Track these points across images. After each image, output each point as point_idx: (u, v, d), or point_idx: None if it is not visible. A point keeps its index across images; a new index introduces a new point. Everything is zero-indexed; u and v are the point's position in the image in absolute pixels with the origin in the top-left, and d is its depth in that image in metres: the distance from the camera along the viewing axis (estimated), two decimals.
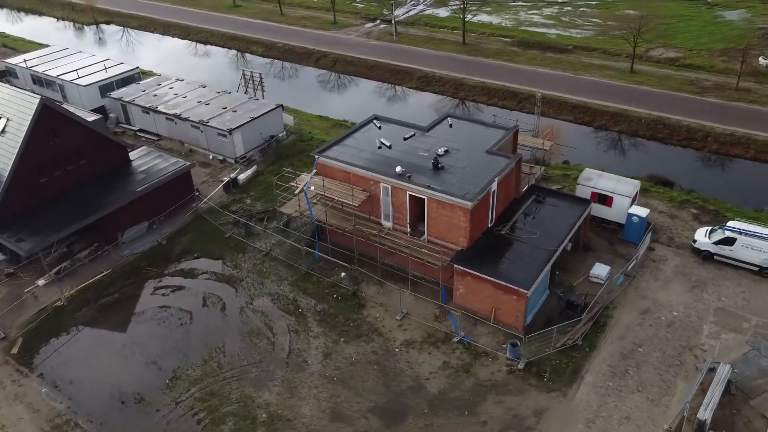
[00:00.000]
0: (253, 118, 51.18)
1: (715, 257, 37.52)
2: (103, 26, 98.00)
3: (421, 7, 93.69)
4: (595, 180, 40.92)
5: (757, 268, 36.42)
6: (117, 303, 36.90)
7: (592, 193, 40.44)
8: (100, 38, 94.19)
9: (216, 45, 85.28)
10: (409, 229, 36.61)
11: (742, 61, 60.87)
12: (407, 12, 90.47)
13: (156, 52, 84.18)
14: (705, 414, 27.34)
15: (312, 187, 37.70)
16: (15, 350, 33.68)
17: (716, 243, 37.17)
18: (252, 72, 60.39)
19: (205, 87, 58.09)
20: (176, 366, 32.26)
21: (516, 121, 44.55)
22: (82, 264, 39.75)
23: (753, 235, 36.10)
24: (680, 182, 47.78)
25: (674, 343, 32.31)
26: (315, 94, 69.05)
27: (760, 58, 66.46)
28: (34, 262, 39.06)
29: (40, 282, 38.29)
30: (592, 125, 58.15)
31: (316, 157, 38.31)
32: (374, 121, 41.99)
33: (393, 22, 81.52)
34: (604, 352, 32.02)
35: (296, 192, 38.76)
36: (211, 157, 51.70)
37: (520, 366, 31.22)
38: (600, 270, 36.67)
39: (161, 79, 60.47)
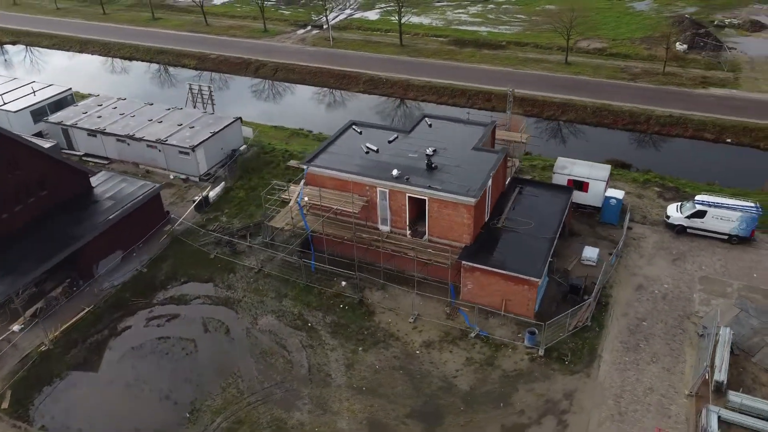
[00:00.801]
0: (214, 133, 49.37)
1: (688, 230, 40.23)
2: (8, 47, 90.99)
3: (349, 11, 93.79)
4: (570, 168, 42.66)
5: (726, 237, 39.39)
6: (108, 340, 34.46)
7: (569, 180, 42.13)
8: (5, 60, 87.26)
9: (143, 60, 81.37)
10: (408, 231, 36.67)
11: (667, 48, 65.53)
12: (336, 16, 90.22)
13: (78, 71, 78.98)
14: (721, 375, 29.32)
15: (306, 198, 36.92)
16: (5, 405, 30.68)
17: (689, 217, 39.85)
18: (200, 86, 58.12)
19: (152, 104, 55.40)
20: (193, 398, 30.60)
21: (491, 117, 45.67)
22: (59, 303, 36.84)
23: (721, 206, 39.03)
24: (636, 164, 50.86)
25: (672, 313, 34.36)
26: (263, 105, 67.58)
27: (677, 44, 71.76)
28: (2, 307, 35.84)
29: (15, 327, 35.15)
30: (542, 116, 60.58)
31: (305, 167, 37.55)
32: (353, 126, 41.73)
33: (329, 27, 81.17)
34: (613, 329, 33.55)
35: (290, 204, 37.78)
36: (172, 176, 49.33)
37: (541, 353, 32.13)
38: (590, 253, 38.33)
39: (101, 100, 56.98)
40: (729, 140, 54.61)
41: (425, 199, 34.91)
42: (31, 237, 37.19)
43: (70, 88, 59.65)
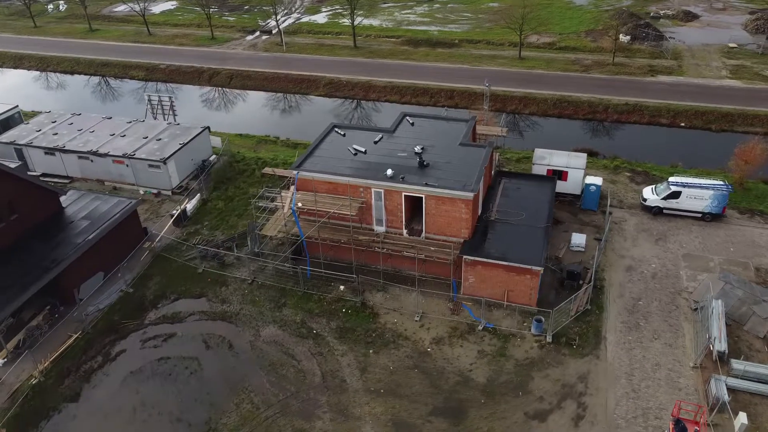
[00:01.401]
0: (184, 144, 47.76)
1: (664, 211, 42.01)
2: None
3: (296, 15, 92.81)
4: (549, 158, 43.77)
5: (700, 215, 41.38)
6: (104, 366, 32.71)
7: (548, 170, 43.24)
8: None
9: (86, 74, 77.80)
10: (405, 231, 36.62)
11: (615, 39, 68.37)
12: (284, 21, 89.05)
13: (17, 88, 74.58)
14: (722, 345, 30.79)
15: (300, 203, 36.24)
16: None
17: (665, 198, 41.63)
18: (160, 96, 56.15)
19: (111, 118, 53.05)
20: (207, 418, 29.46)
21: (470, 113, 46.22)
22: (42, 332, 34.69)
23: (694, 186, 40.98)
24: (602, 151, 52.65)
25: (664, 291, 35.80)
26: (224, 113, 65.87)
27: (621, 36, 74.81)
28: None
29: None
30: (505, 110, 61.81)
31: (296, 172, 36.85)
32: (335, 129, 41.33)
33: (281, 32, 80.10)
34: (612, 311, 34.60)
35: (285, 210, 37.00)
36: (142, 191, 47.36)
37: (549, 339, 32.78)
38: (579, 239, 39.43)
39: (54, 116, 53.98)
40: (683, 124, 57.45)
41: (422, 197, 34.96)
42: (7, 264, 34.85)
43: (17, 106, 56.28)
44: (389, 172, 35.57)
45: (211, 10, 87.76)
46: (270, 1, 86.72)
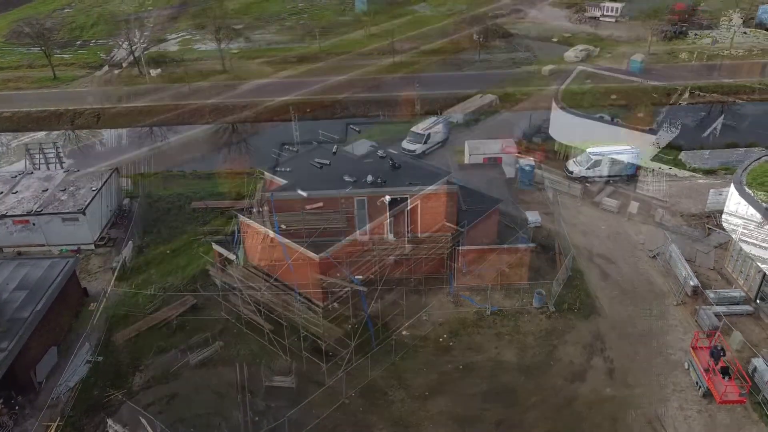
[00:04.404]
0: (98, 191, 42.42)
1: (588, 179, 46.63)
2: None
3: (142, 47, 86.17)
4: (482, 148, 46.32)
5: (618, 178, 46.59)
6: None
7: (484, 158, 45.77)
8: None
9: None
10: (390, 235, 36.36)
11: (479, 40, 74.09)
12: (131, 53, 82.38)
13: None
14: (695, 281, 35.13)
15: (283, 225, 34.23)
16: None
17: (589, 168, 46.22)
18: (41, 144, 49.10)
19: None
20: None
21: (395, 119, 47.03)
22: (9, 429, 28.74)
23: (611, 154, 46.07)
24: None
25: (623, 246, 39.82)
26: (108, 155, 58.79)
27: (474, 36, 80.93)
28: None
29: None
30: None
31: (270, 195, 34.78)
32: (286, 146, 39.76)
33: (142, 62, 74.28)
34: (589, 273, 37.65)
35: (271, 236, 34.62)
36: (57, 251, 41.14)
37: (552, 309, 34.76)
38: (534, 216, 42.18)
39: None
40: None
41: (407, 198, 35.06)
42: None
43: None
44: (369, 178, 35.12)
45: (39, 49, 78.17)
46: (111, 32, 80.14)
